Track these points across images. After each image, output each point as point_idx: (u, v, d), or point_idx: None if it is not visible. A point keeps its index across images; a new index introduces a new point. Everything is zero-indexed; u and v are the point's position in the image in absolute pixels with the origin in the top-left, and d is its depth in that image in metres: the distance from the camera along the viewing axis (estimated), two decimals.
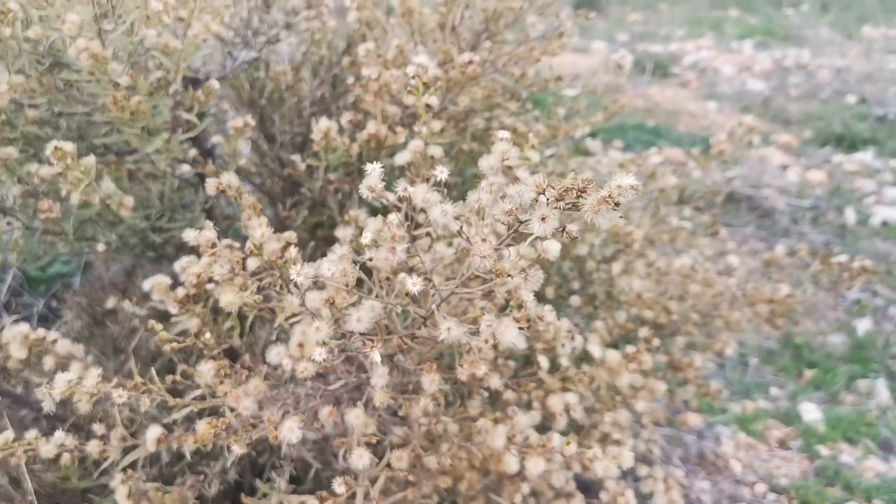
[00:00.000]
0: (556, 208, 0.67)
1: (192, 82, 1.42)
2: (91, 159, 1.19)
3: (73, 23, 1.15)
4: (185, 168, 1.50)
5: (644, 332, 1.47)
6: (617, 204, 0.66)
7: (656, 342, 1.50)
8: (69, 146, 1.13)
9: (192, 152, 1.39)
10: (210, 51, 1.79)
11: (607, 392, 1.42)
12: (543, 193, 0.68)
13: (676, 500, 1.36)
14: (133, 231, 1.43)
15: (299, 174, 1.57)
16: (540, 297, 1.67)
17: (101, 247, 1.35)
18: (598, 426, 1.38)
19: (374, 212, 1.68)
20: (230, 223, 1.71)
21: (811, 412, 2.52)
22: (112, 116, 1.24)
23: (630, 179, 0.65)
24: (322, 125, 1.35)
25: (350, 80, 1.51)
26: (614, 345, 1.51)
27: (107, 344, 1.67)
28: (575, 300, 1.53)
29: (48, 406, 0.91)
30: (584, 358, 1.35)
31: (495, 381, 0.97)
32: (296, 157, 1.56)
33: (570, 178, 0.65)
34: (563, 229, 0.67)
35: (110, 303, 1.38)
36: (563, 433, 1.12)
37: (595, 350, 1.15)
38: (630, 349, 1.15)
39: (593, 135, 4.73)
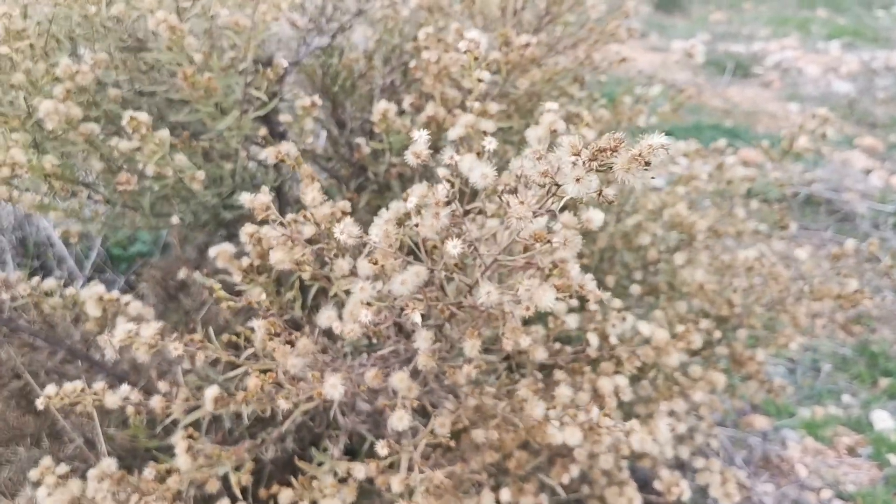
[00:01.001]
0: (590, 170, 0.67)
1: (266, 65, 1.47)
2: (165, 133, 1.24)
3: None
4: (257, 149, 1.55)
5: (705, 323, 1.45)
6: (647, 163, 0.66)
7: (717, 334, 1.47)
8: (144, 116, 1.19)
9: (263, 131, 1.43)
10: (285, 39, 1.84)
11: (664, 382, 1.41)
12: (578, 155, 0.68)
13: (732, 492, 1.34)
14: (205, 207, 1.48)
15: (364, 158, 1.60)
16: (601, 285, 1.66)
17: (175, 219, 1.41)
18: (653, 415, 1.37)
19: None
20: (300, 207, 1.75)
21: (884, 421, 2.43)
22: (187, 95, 1.29)
23: (662, 139, 0.65)
24: (381, 106, 1.38)
25: (413, 64, 1.53)
26: (673, 335, 1.50)
27: (180, 318, 1.74)
28: (635, 289, 1.52)
29: (109, 354, 0.96)
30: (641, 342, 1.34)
31: (540, 354, 0.98)
32: (361, 141, 1.59)
33: (605, 137, 0.65)
34: (600, 193, 0.68)
35: (182, 274, 1.44)
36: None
37: (644, 329, 1.15)
38: (679, 328, 1.13)
39: (668, 133, 4.64)
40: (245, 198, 0.96)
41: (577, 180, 0.69)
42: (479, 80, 1.02)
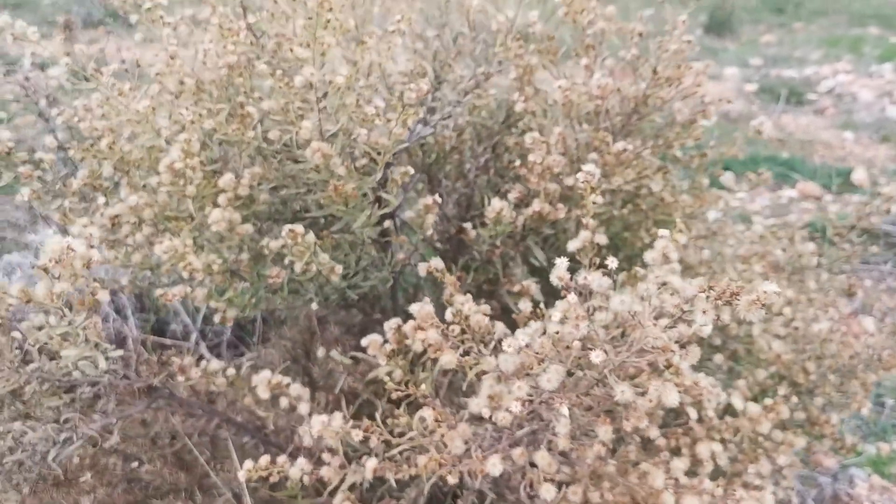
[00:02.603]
0: (716, 307, 0.88)
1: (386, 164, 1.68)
2: (311, 236, 1.46)
3: (307, 128, 1.43)
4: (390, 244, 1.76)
5: (783, 390, 1.62)
6: (764, 305, 0.85)
7: (794, 399, 1.64)
8: (300, 228, 1.41)
9: (387, 223, 1.65)
10: None
11: (750, 445, 1.58)
12: (704, 292, 0.89)
13: None
14: (335, 289, 1.70)
15: (470, 239, 1.80)
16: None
17: (314, 306, 1.63)
18: (741, 475, 1.54)
19: (532, 272, 1.90)
20: (406, 268, 1.95)
21: None
22: (326, 197, 1.51)
23: (773, 286, 0.84)
24: (495, 206, 1.58)
25: (517, 162, 1.72)
26: (754, 399, 1.66)
27: (304, 382, 1.97)
28: (718, 358, 1.69)
29: (307, 441, 1.18)
30: (727, 411, 1.52)
31: (654, 432, 1.18)
32: (467, 225, 1.79)
33: (726, 282, 0.85)
34: (718, 317, 0.88)
35: (320, 353, 1.65)
36: (711, 479, 1.30)
37: (738, 403, 1.33)
38: (769, 401, 1.32)
39: (726, 168, 4.80)
40: (414, 308, 1.17)
41: (704, 312, 0.90)
42: (594, 203, 1.21)
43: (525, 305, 1.29)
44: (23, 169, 1.66)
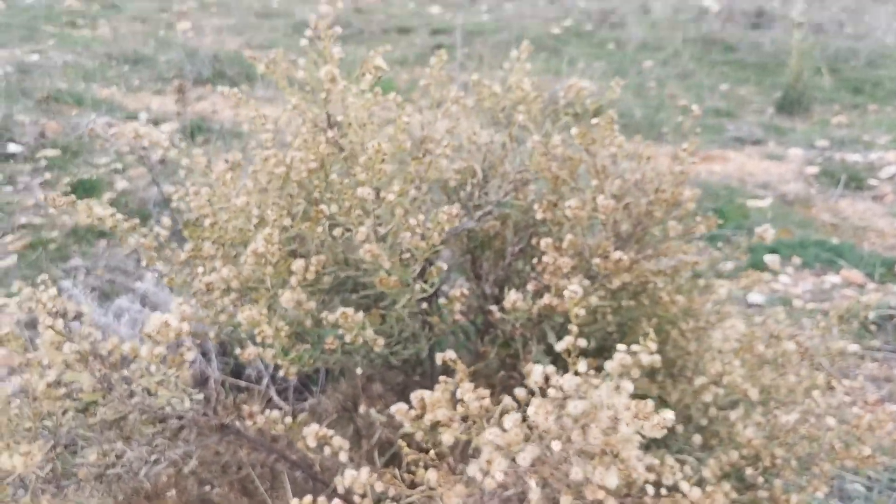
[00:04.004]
0: (635, 421, 1.20)
1: (431, 263, 2.04)
2: (360, 315, 1.82)
3: (363, 233, 1.81)
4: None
5: (749, 471, 1.89)
6: (665, 427, 1.17)
7: (760, 480, 1.90)
8: (351, 311, 1.78)
9: (424, 305, 2.01)
10: None
11: None
12: (628, 409, 1.21)
13: None
14: (378, 355, 2.06)
15: (495, 320, 2.14)
16: (671, 431, 2.12)
17: (359, 370, 1.99)
18: None
19: (548, 351, 2.22)
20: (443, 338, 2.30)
21: None
22: (373, 280, 1.88)
23: (670, 414, 1.16)
24: (511, 297, 1.92)
25: (534, 260, 2.06)
26: (726, 476, 1.93)
27: (351, 432, 2.33)
28: (697, 439, 1.97)
29: (340, 489, 1.53)
30: (700, 483, 1.79)
31: (611, 503, 1.48)
32: (493, 308, 2.13)
33: (643, 404, 1.17)
34: (643, 426, 1.19)
35: (361, 409, 2.01)
36: None
37: (684, 486, 1.61)
38: (709, 489, 1.59)
39: (773, 250, 5.01)
40: (426, 394, 1.51)
41: (627, 424, 1.22)
42: (577, 315, 1.54)
43: (520, 391, 1.62)
44: (143, 241, 2.10)
